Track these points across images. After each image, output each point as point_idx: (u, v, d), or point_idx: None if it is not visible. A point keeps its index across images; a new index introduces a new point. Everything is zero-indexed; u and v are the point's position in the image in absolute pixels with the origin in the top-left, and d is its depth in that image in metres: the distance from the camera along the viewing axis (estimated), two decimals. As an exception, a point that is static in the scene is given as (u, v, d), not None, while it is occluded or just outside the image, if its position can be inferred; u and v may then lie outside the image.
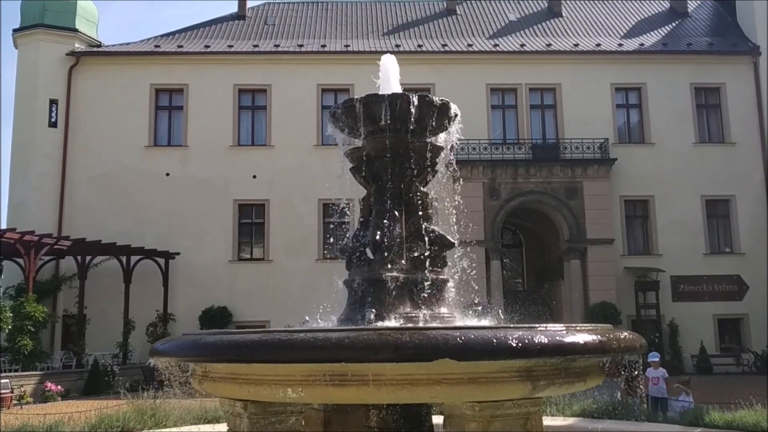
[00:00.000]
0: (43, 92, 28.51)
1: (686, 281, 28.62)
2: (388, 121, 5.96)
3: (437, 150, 6.35)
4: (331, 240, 26.72)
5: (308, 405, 5.70)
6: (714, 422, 8.92)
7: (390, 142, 6.03)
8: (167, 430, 9.59)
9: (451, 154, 6.55)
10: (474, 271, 7.49)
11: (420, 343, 4.00)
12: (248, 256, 29.01)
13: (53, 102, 28.61)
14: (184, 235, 27.61)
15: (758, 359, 26.83)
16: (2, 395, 17.30)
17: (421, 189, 6.39)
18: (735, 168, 29.32)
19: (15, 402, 17.83)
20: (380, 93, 6.28)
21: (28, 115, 28.58)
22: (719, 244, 29.73)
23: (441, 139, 6.49)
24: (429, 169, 6.34)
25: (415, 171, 6.20)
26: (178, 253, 27.33)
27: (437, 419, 5.42)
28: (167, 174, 28.52)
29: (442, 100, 6.27)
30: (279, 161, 28.44)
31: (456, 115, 6.35)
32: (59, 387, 19.81)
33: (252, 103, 29.94)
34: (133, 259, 26.35)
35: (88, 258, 25.67)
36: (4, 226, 26.48)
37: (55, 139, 28.39)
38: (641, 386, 12.75)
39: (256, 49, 30.26)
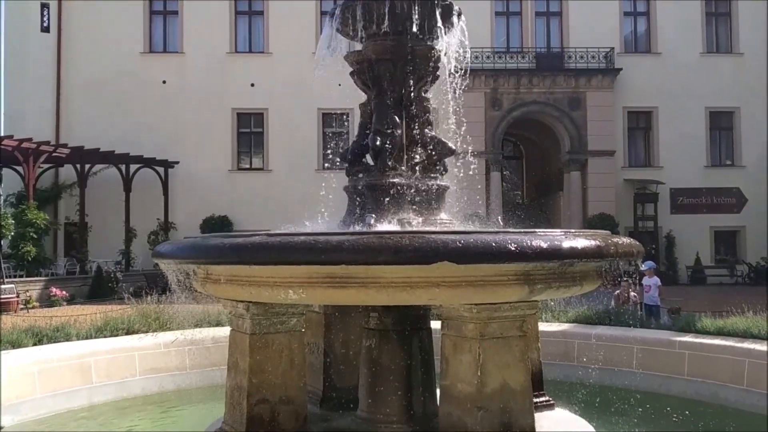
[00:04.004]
0: (33, -6, 27.69)
1: (685, 194, 28.74)
2: (389, 23, 5.79)
3: (439, 54, 6.20)
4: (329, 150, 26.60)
5: (309, 307, 5.81)
6: (705, 328, 9.13)
7: (391, 45, 5.88)
8: (171, 332, 9.84)
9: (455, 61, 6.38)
10: (474, 182, 7.46)
11: (419, 246, 4.02)
12: (248, 166, 29.00)
13: (44, 5, 27.80)
14: (183, 143, 27.47)
15: (752, 270, 27.26)
16: (8, 299, 17.66)
17: (422, 94, 6.28)
18: (742, 79, 28.86)
19: (21, 306, 18.22)
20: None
21: (19, 19, 27.89)
22: (721, 157, 29.68)
23: (443, 43, 6.31)
24: (430, 74, 6.20)
25: (417, 75, 6.07)
26: (177, 162, 27.28)
27: (435, 324, 5.53)
28: (164, 81, 28.10)
29: (445, 0, 6.07)
30: (277, 69, 27.95)
31: (459, 17, 6.16)
32: (64, 292, 20.20)
33: (249, 7, 29.16)
34: (133, 167, 26.35)
35: (87, 166, 25.65)
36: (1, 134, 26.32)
37: (48, 44, 27.79)
38: (634, 294, 13.01)
39: (252, -52, 29.19)
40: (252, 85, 28.16)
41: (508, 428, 4.72)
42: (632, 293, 12.95)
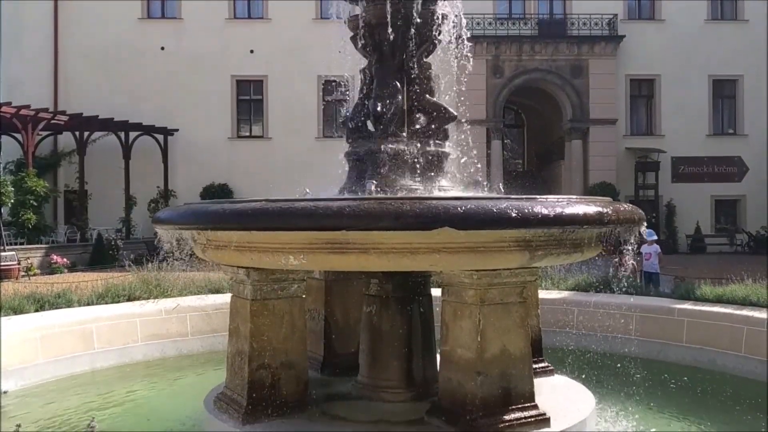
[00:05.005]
0: (28, -42, 27.27)
1: (687, 162, 28.66)
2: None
3: (441, 18, 6.11)
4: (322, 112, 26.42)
5: (310, 273, 5.82)
6: (704, 296, 9.15)
7: (392, 8, 5.79)
8: (172, 298, 9.87)
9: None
10: (475, 150, 7.44)
11: (420, 212, 3.99)
12: (247, 134, 28.86)
13: (40, -30, 27.41)
14: (182, 111, 27.30)
15: (752, 239, 27.31)
16: (9, 267, 17.70)
17: (424, 59, 6.20)
18: (746, 47, 28.58)
19: (22, 273, 18.28)
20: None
21: (15, -16, 27.49)
22: (723, 125, 29.53)
23: (445, 6, 6.21)
24: (432, 39, 6.12)
25: (418, 40, 5.99)
26: (177, 130, 27.15)
27: (435, 292, 5.53)
28: (162, 48, 27.83)
29: (447, -36, 5.96)
30: (277, 36, 27.66)
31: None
32: (65, 259, 20.26)
33: (247, -29, 28.76)
34: (132, 135, 26.21)
35: (86, 133, 25.52)
36: (-1, 101, 26.13)
37: (45, 10, 27.45)
38: (633, 261, 13.01)
39: None
40: (251, 51, 27.90)
41: (508, 393, 4.75)
42: (632, 261, 12.96)
